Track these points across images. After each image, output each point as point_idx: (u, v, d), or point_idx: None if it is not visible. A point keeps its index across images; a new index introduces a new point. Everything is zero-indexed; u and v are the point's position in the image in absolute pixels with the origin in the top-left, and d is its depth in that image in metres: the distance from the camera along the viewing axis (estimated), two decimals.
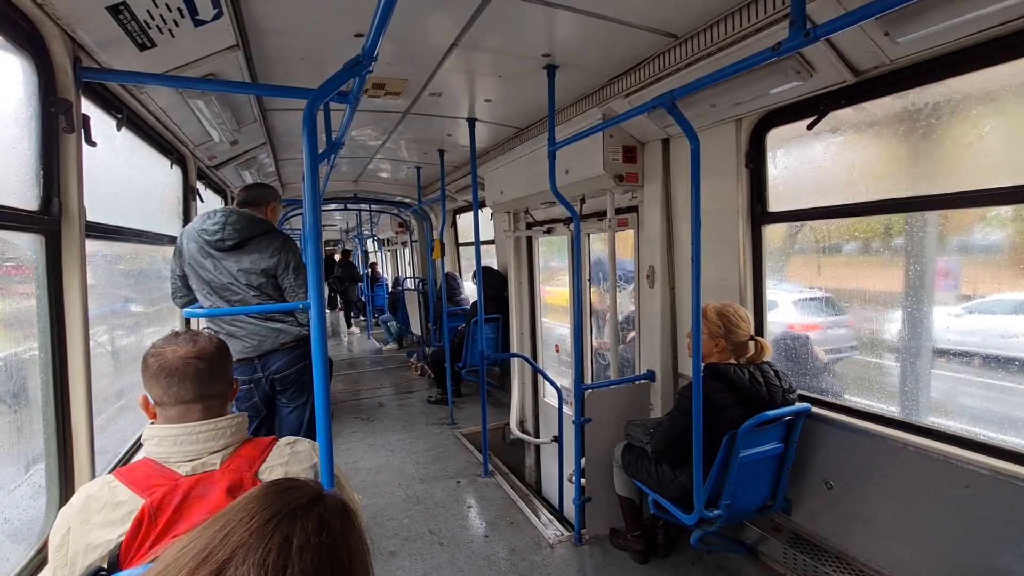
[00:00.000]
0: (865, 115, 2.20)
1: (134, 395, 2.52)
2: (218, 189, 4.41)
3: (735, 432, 2.15)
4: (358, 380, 7.36)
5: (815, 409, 2.36)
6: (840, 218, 2.38)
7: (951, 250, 2.09)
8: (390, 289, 11.45)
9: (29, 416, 1.54)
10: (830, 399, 2.47)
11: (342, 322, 12.48)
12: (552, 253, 5.19)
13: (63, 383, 1.55)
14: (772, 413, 2.19)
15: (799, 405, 2.29)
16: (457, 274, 7.23)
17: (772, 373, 2.28)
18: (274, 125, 3.75)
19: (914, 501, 2.06)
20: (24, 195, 1.42)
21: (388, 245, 13.69)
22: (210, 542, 0.61)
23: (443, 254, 5.51)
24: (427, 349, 7.48)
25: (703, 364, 2.25)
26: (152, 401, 1.24)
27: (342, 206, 8.15)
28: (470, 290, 7.13)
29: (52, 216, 1.49)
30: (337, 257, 13.21)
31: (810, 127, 2.24)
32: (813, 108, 2.24)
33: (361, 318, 12.73)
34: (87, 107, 1.68)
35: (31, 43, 1.39)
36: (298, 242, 6.12)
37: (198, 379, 1.22)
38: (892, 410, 2.26)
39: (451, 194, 6.07)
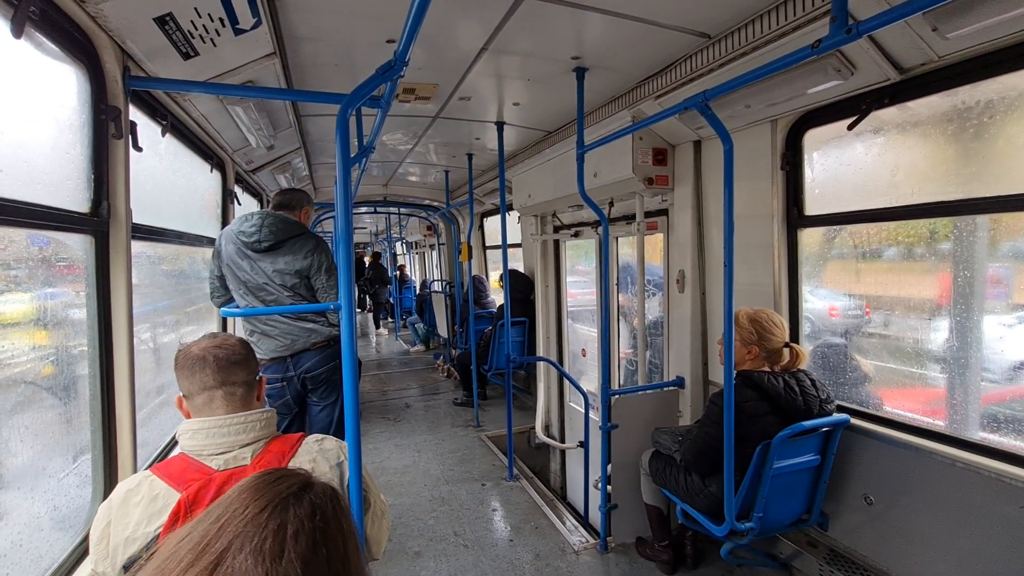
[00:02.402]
0: (910, 114, 2.10)
1: (173, 391, 2.62)
2: (254, 192, 4.56)
3: (768, 442, 2.08)
4: (386, 381, 7.48)
5: (854, 420, 2.26)
6: (883, 222, 2.28)
7: (1004, 255, 1.97)
8: (418, 291, 11.59)
9: (77, 409, 1.61)
10: (870, 410, 2.36)
11: (371, 323, 12.69)
12: (579, 256, 5.16)
13: (108, 378, 1.62)
14: (808, 424, 2.11)
15: (837, 416, 2.20)
16: (484, 277, 7.26)
17: (808, 382, 2.20)
18: (308, 130, 3.85)
19: (963, 520, 1.94)
20: (76, 198, 1.50)
21: (416, 248, 13.87)
22: (206, 534, 0.62)
23: (470, 257, 5.54)
24: (453, 351, 7.53)
25: (735, 372, 2.19)
26: (183, 396, 1.30)
27: (372, 209, 8.31)
28: (496, 292, 7.16)
29: (101, 218, 1.56)
30: (367, 260, 13.45)
31: (851, 127, 2.16)
32: (854, 107, 2.15)
33: (389, 319, 12.93)
34: (134, 114, 1.76)
35: (85, 54, 1.47)
36: (330, 244, 6.26)
37: (218, 365, 1.28)
38: (938, 423, 2.15)
39: (479, 197, 6.11)
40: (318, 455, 1.35)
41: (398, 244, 14.00)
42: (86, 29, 1.43)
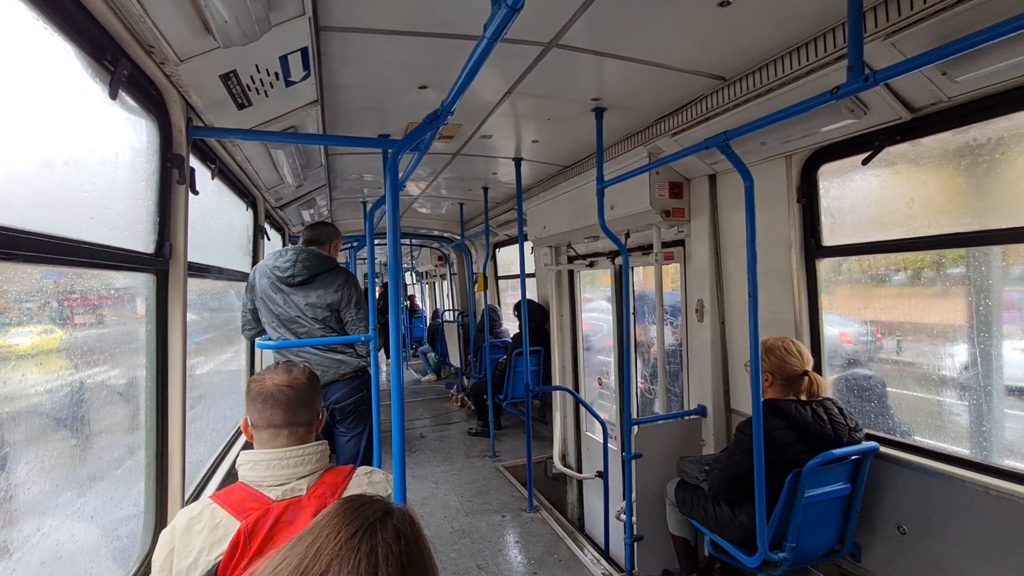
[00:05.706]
0: (923, 149, 2.19)
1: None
2: (278, 227, 4.70)
3: (799, 471, 2.09)
4: None
5: (884, 449, 2.27)
6: (901, 252, 2.34)
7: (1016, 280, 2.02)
8: (428, 321, 11.64)
9: (132, 439, 1.66)
10: (899, 438, 2.37)
11: (382, 353, 12.70)
12: (585, 285, 5.23)
13: (163, 410, 1.68)
14: (838, 452, 2.12)
15: (866, 444, 2.21)
16: (498, 306, 7.32)
17: (836, 411, 2.22)
18: (334, 168, 4.00)
19: (1001, 551, 1.93)
20: (144, 240, 1.60)
21: (427, 278, 13.99)
22: (304, 558, 0.68)
23: (486, 287, 5.62)
24: (465, 380, 7.53)
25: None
26: (250, 423, 1.36)
27: (385, 241, 8.49)
28: (509, 321, 7.20)
29: (164, 258, 1.66)
30: (378, 290, 13.58)
31: (865, 163, 2.25)
32: (867, 144, 2.25)
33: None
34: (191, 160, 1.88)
35: (156, 108, 1.59)
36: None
37: (288, 405, 1.33)
38: (970, 451, 2.15)
39: (492, 229, 6.24)
40: (368, 487, 1.40)
41: (408, 274, 14.14)
42: (160, 86, 1.56)
